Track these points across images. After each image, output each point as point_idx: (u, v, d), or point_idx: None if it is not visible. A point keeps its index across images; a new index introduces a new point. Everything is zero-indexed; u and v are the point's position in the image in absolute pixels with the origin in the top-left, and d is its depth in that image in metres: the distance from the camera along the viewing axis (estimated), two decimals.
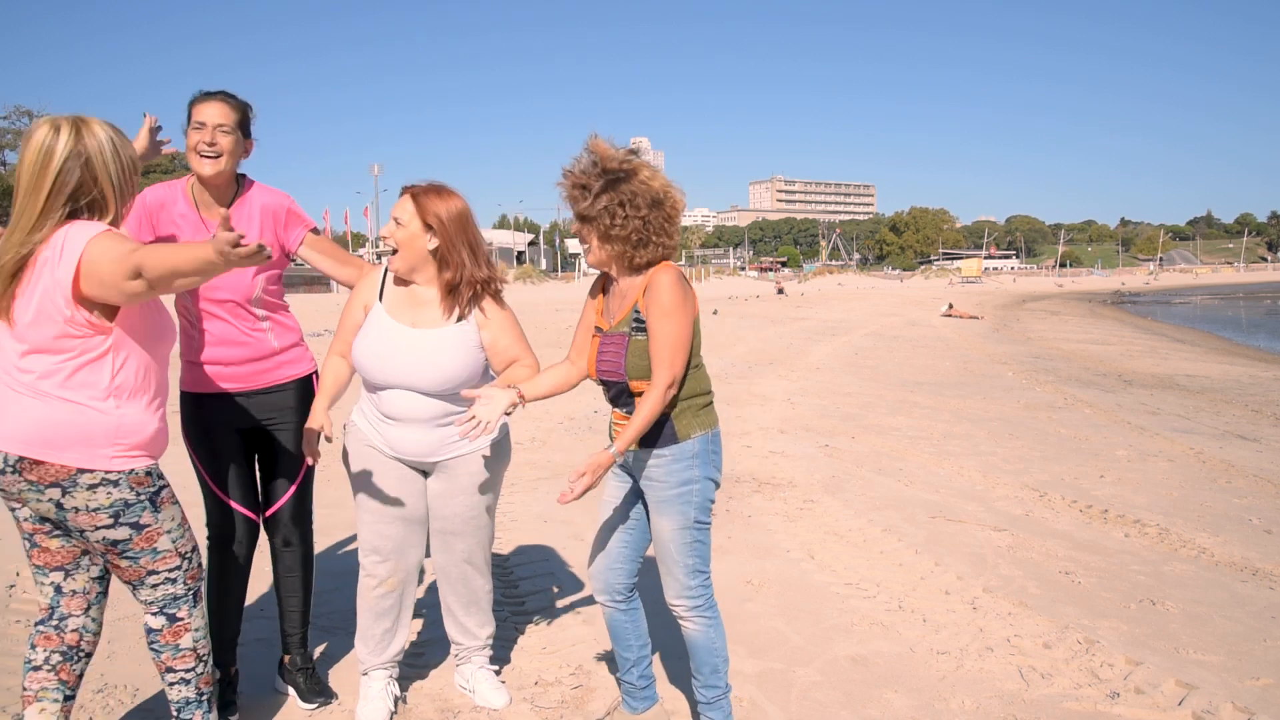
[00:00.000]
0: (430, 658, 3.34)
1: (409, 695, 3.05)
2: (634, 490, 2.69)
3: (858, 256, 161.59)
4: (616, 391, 2.57)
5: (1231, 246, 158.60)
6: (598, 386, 2.66)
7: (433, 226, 2.66)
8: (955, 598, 3.97)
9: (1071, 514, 5.45)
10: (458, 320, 2.73)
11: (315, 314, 22.13)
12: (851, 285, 75.59)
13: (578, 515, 5.03)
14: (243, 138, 2.78)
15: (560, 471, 6.32)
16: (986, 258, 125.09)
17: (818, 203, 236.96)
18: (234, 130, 2.72)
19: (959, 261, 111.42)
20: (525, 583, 4.16)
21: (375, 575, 2.84)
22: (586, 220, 2.50)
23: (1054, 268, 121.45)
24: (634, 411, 2.47)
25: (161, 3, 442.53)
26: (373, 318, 2.77)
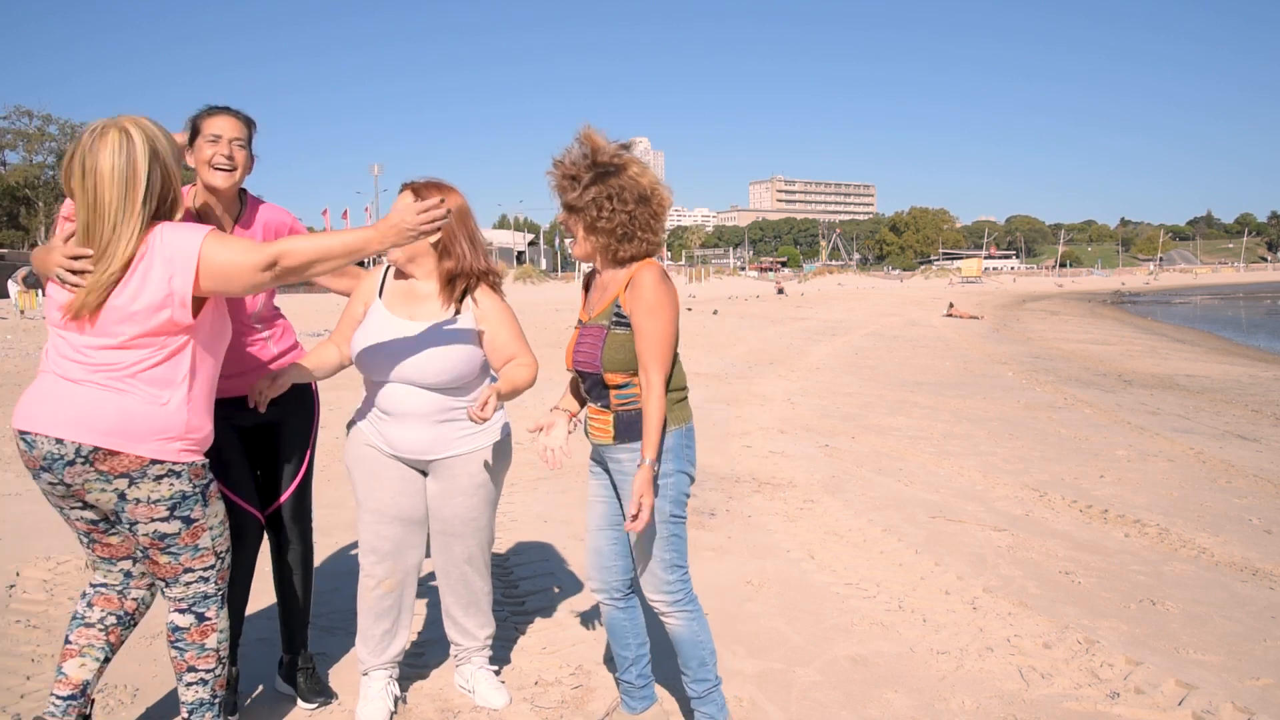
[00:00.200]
0: (430, 658, 3.34)
1: (409, 695, 3.05)
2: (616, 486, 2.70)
3: (858, 256, 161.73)
4: (592, 383, 2.59)
5: (1231, 246, 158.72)
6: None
7: None
8: (955, 598, 3.97)
9: (1071, 514, 5.45)
10: (456, 313, 2.75)
11: (315, 314, 22.17)
12: (851, 285, 75.67)
13: (578, 515, 5.03)
14: (249, 153, 2.83)
15: (561, 472, 6.30)
16: (986, 258, 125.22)
17: (818, 203, 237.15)
18: (246, 145, 2.78)
19: (959, 261, 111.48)
20: (525, 583, 4.16)
21: (374, 576, 2.84)
22: (574, 211, 2.54)
23: (1054, 268, 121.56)
24: (643, 418, 2.48)
25: (161, 3, 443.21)
26: (372, 313, 2.80)
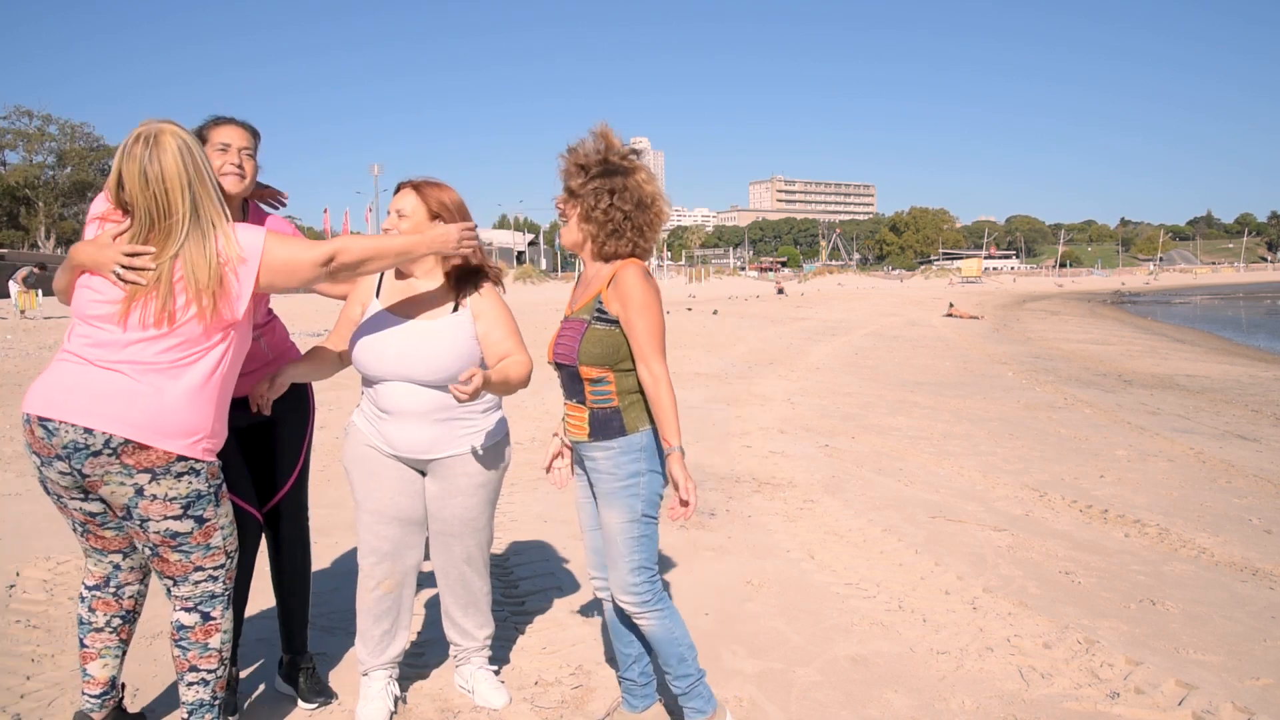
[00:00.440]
0: (430, 658, 3.34)
1: (409, 695, 3.05)
2: None
3: (858, 256, 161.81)
4: (568, 376, 2.61)
5: (1231, 246, 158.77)
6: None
7: (440, 215, 2.73)
8: (955, 598, 3.97)
9: (1071, 514, 5.45)
10: (454, 310, 2.76)
11: (315, 314, 22.19)
12: (851, 285, 75.69)
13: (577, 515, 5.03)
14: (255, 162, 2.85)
15: None
16: (986, 258, 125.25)
17: (818, 203, 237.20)
18: (253, 154, 2.78)
19: (959, 261, 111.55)
20: (525, 583, 4.16)
21: (373, 576, 2.84)
22: (574, 195, 2.58)
23: (1054, 268, 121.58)
24: (653, 410, 2.51)
25: (161, 3, 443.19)
26: (370, 312, 2.81)
